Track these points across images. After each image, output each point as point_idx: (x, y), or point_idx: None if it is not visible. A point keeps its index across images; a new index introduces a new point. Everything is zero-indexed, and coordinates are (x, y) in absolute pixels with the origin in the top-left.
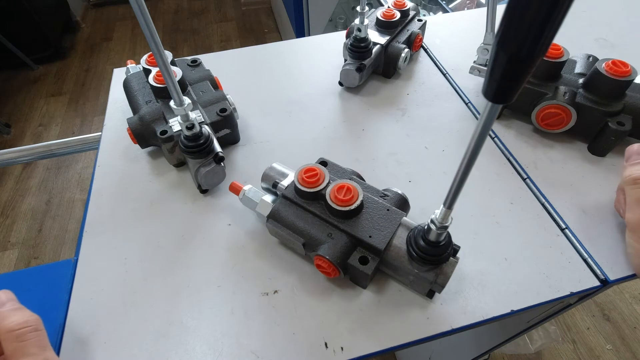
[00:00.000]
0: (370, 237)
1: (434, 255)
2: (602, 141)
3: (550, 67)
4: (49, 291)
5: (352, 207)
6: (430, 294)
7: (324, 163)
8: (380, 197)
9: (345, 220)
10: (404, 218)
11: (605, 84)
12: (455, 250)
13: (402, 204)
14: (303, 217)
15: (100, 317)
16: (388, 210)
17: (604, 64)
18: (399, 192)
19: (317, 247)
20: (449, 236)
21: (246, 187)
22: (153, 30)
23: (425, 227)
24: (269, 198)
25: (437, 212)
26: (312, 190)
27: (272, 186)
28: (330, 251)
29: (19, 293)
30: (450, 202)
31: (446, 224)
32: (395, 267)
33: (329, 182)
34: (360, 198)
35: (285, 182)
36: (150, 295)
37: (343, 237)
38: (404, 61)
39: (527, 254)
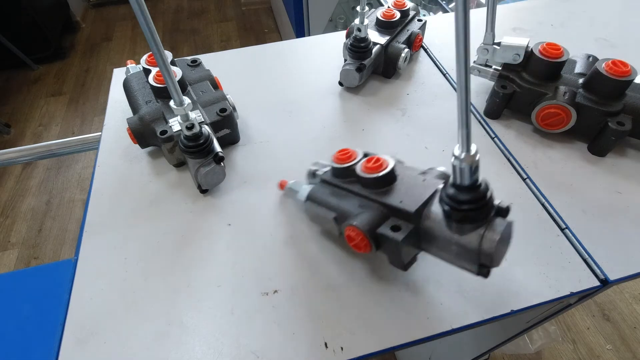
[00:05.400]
0: (401, 202)
1: (468, 202)
2: (602, 141)
3: (550, 67)
4: (49, 291)
5: (381, 173)
6: (482, 271)
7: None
8: (420, 174)
9: (376, 190)
10: (441, 186)
11: (605, 84)
12: (502, 209)
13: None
14: (337, 194)
15: (100, 317)
16: (424, 180)
17: (604, 64)
18: (442, 169)
19: (347, 219)
20: (486, 185)
21: (291, 181)
22: (153, 30)
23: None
24: (309, 187)
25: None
26: (344, 165)
27: (312, 176)
28: (359, 219)
29: (19, 293)
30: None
31: (473, 154)
32: (433, 237)
33: (361, 159)
34: (391, 166)
35: (324, 170)
36: (150, 295)
37: (374, 206)
38: (404, 61)
39: (527, 254)
